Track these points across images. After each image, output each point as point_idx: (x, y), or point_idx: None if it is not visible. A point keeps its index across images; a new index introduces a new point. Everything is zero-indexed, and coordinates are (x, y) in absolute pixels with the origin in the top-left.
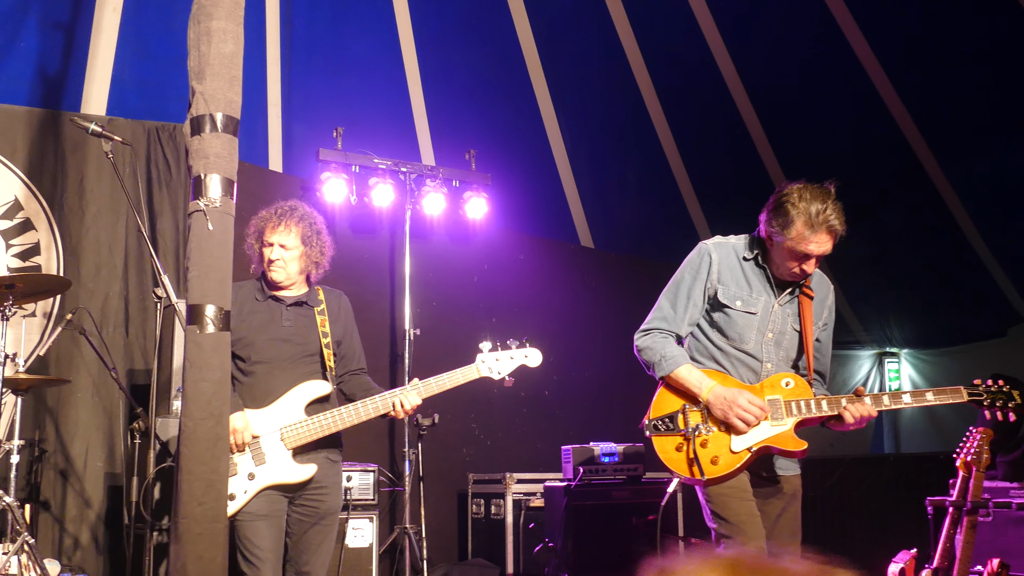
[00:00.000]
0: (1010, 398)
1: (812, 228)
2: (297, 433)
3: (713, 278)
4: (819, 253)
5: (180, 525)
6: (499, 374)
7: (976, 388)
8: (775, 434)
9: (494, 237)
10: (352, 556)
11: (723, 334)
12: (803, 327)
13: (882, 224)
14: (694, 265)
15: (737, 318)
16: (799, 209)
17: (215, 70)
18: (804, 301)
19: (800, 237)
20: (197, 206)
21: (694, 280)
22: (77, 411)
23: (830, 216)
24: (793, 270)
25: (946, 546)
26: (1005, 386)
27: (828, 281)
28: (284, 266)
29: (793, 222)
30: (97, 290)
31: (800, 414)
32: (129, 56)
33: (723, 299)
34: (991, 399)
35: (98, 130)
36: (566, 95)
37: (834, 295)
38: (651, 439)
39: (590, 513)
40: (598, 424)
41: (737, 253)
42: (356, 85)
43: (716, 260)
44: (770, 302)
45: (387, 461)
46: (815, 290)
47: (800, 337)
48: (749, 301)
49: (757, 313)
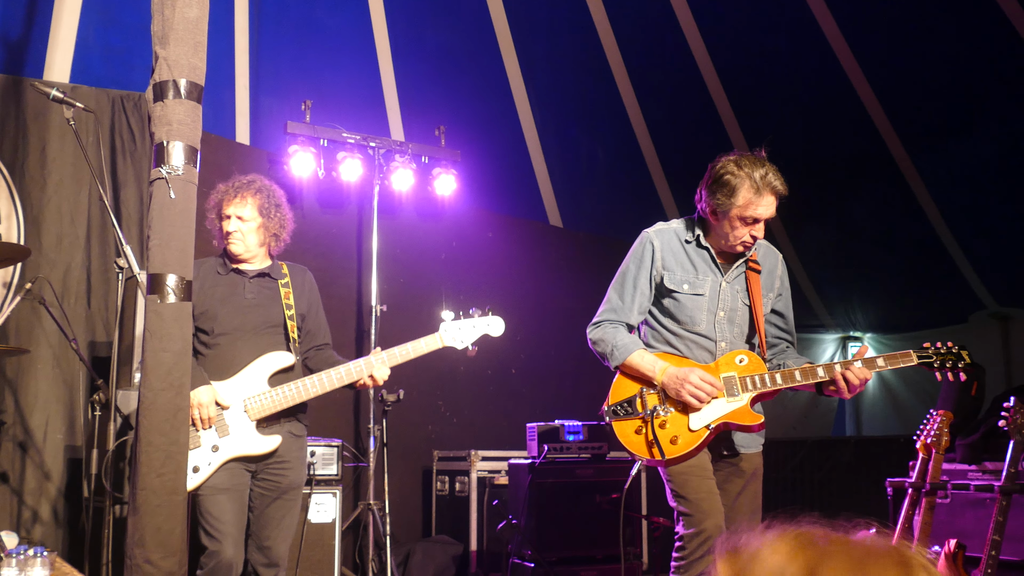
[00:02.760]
0: (959, 358)
1: (758, 192)
2: (261, 404)
3: (658, 265)
4: (767, 216)
5: (138, 497)
6: (462, 343)
7: (925, 351)
8: (732, 410)
9: (463, 214)
10: (314, 531)
11: (675, 319)
12: (752, 302)
13: (849, 209)
14: (637, 255)
15: (686, 301)
16: (741, 176)
17: (179, 35)
18: (751, 276)
19: (747, 202)
20: (159, 173)
21: (639, 269)
22: (37, 383)
23: (772, 179)
24: (743, 239)
25: (904, 526)
26: (954, 347)
27: (775, 250)
28: (242, 238)
29: (738, 189)
30: (59, 260)
31: (755, 389)
32: (94, 22)
33: (670, 284)
34: (940, 360)
35: (59, 96)
36: (537, 73)
37: (784, 264)
38: (611, 425)
39: (553, 491)
40: (565, 402)
41: (679, 237)
42: (326, 59)
43: (659, 247)
44: (717, 281)
45: (352, 437)
46: (761, 262)
47: (751, 312)
48: (696, 283)
49: (705, 294)
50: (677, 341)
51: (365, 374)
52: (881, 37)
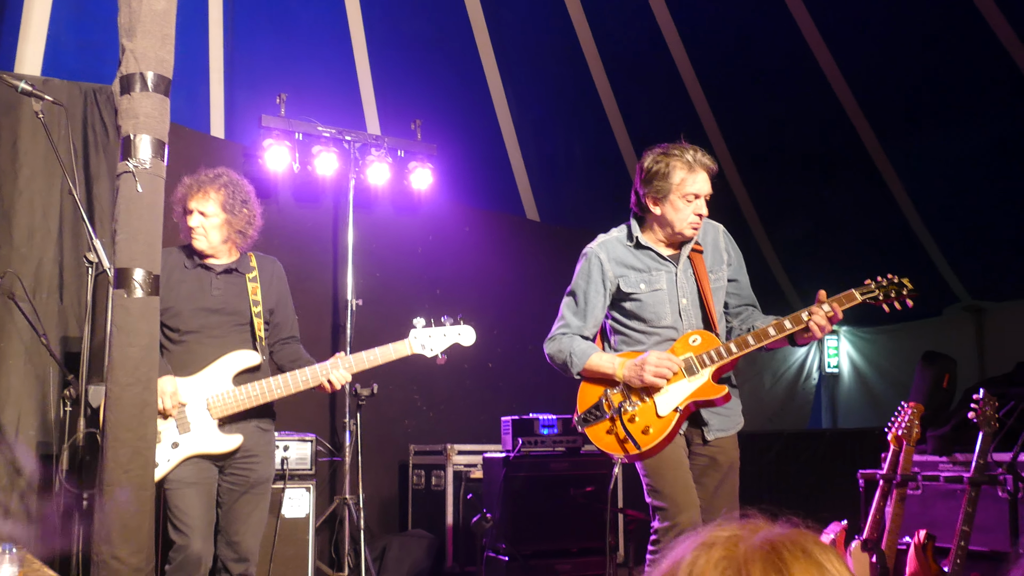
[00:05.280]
0: (902, 287)
1: (691, 168)
2: (224, 403)
3: (609, 275)
4: (705, 192)
5: (105, 493)
6: (431, 351)
7: (868, 287)
8: (695, 388)
9: (439, 208)
10: (288, 526)
11: (640, 319)
12: (699, 284)
13: (822, 201)
14: (584, 272)
15: (647, 299)
16: (672, 159)
17: (146, 27)
18: (695, 258)
19: (683, 180)
20: (126, 167)
21: (587, 284)
22: (8, 378)
23: (701, 156)
24: (690, 218)
25: (876, 518)
26: (895, 278)
27: (714, 224)
28: (205, 234)
29: (672, 170)
30: (30, 255)
31: (713, 363)
32: (66, 15)
33: (627, 288)
34: (883, 292)
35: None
36: (513, 66)
37: (726, 234)
38: (585, 433)
39: (528, 484)
40: (542, 396)
41: (621, 243)
42: (301, 52)
43: (605, 259)
44: (672, 272)
45: (328, 431)
46: (702, 241)
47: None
48: (651, 280)
49: (663, 288)
50: (647, 339)
51: (324, 378)
52: (854, 27)
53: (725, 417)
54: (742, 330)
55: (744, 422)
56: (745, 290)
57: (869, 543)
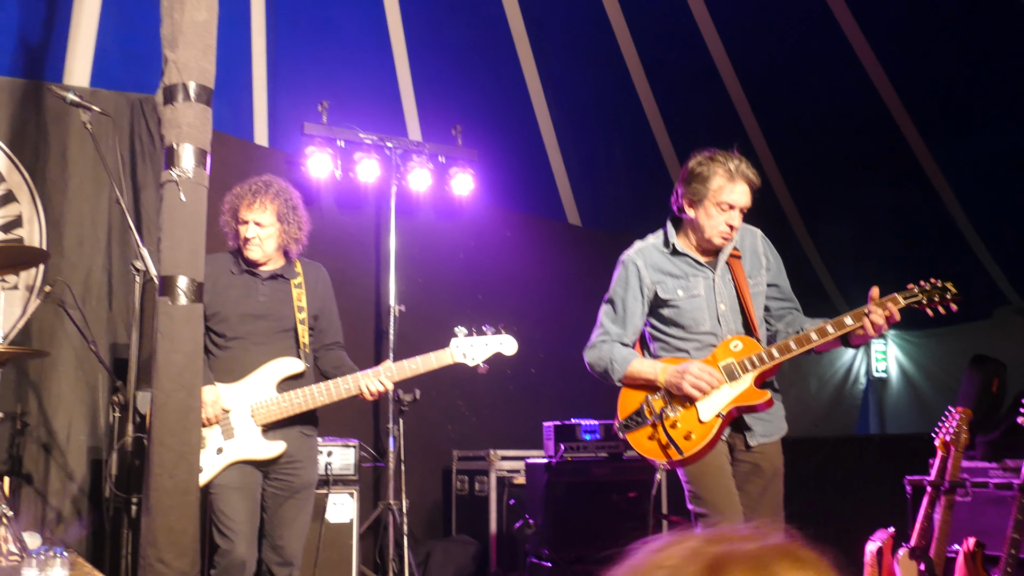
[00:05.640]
0: (946, 291)
1: (731, 178)
2: (267, 410)
3: (647, 282)
4: (742, 204)
5: (151, 497)
6: (473, 360)
7: (911, 291)
8: (737, 393)
9: (480, 214)
10: (332, 531)
11: (679, 326)
12: (738, 288)
13: (867, 202)
14: (623, 279)
15: (685, 305)
16: (715, 164)
17: (188, 39)
18: (733, 264)
19: (720, 187)
20: (169, 176)
21: (626, 292)
22: (60, 385)
23: (744, 168)
24: (720, 227)
25: (924, 525)
26: (938, 282)
27: (752, 229)
28: (260, 244)
29: (712, 176)
30: (80, 263)
31: (754, 368)
32: (112, 26)
33: (664, 295)
34: (927, 296)
35: (76, 99)
36: (553, 71)
37: (764, 239)
38: (627, 439)
39: (570, 490)
40: (583, 401)
41: (658, 249)
42: (342, 59)
43: (642, 265)
44: (710, 277)
45: (372, 436)
46: (740, 247)
47: (739, 299)
48: (689, 286)
49: (701, 294)
50: (686, 345)
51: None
52: (897, 25)
53: (768, 423)
54: (788, 333)
55: (787, 428)
56: (787, 293)
57: (917, 551)
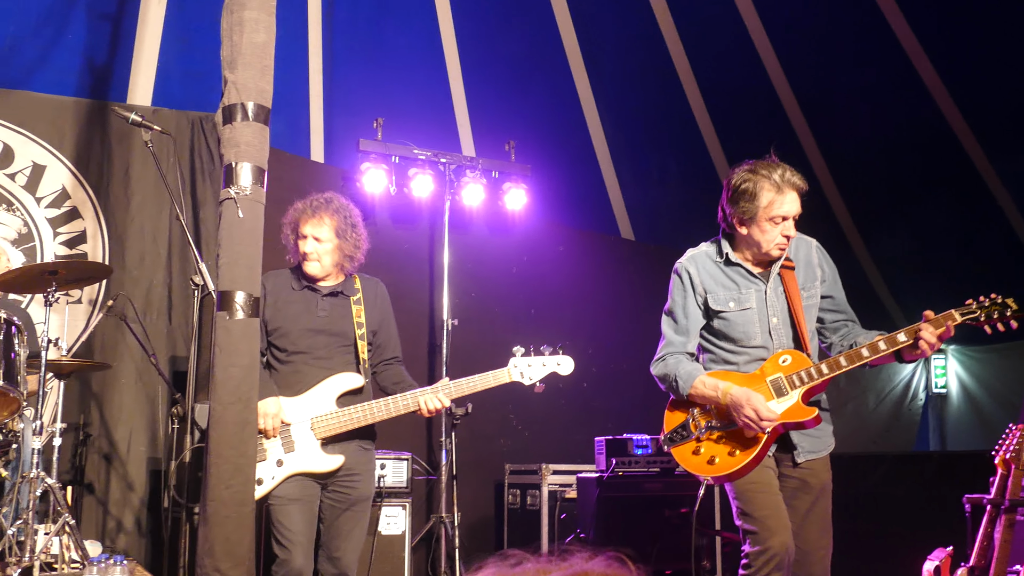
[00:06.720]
0: (1006, 307)
1: (779, 190)
2: (327, 424)
3: (700, 290)
4: (793, 213)
5: (208, 508)
6: (530, 379)
7: (969, 307)
8: (784, 409)
9: (533, 228)
10: (385, 544)
11: (729, 339)
12: (790, 302)
13: (927, 216)
14: (679, 287)
15: (736, 318)
16: (760, 179)
17: (247, 60)
18: (786, 275)
19: (771, 202)
20: (228, 194)
21: (684, 298)
22: (121, 396)
23: (790, 176)
24: (777, 240)
25: (983, 544)
26: (998, 297)
27: (806, 239)
28: (319, 258)
29: (759, 191)
30: (141, 278)
31: (803, 384)
32: (174, 47)
33: (715, 306)
34: (986, 313)
35: (137, 119)
36: (606, 85)
37: (819, 249)
38: (671, 452)
39: (621, 505)
40: (635, 416)
41: (711, 258)
42: (397, 76)
43: (695, 272)
44: (762, 289)
45: (425, 450)
46: (794, 258)
47: (790, 311)
48: (741, 299)
49: (753, 307)
50: (736, 359)
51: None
52: (956, 40)
53: (815, 439)
54: (843, 346)
55: (836, 443)
56: (842, 305)
57: (976, 571)
